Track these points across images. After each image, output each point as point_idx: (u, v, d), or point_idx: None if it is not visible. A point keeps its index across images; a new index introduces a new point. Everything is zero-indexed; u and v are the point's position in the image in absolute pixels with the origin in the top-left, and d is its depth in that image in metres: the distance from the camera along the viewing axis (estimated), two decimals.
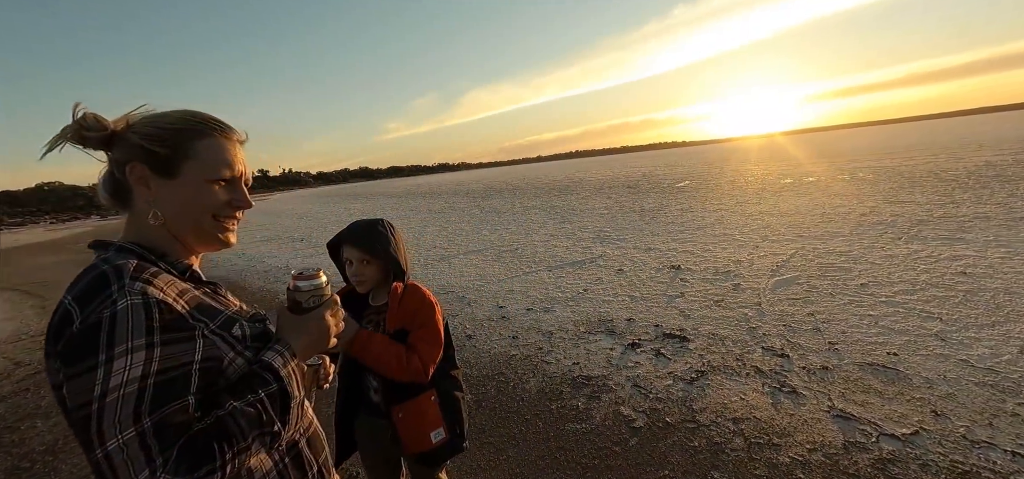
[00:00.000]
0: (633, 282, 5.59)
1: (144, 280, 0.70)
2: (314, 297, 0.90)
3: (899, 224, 6.99)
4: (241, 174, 0.87)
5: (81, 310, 0.66)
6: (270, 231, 16.39)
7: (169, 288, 0.73)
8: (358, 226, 1.57)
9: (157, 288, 0.70)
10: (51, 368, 0.70)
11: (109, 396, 0.62)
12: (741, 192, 13.33)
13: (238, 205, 0.86)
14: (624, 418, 2.81)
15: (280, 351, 0.81)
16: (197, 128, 0.82)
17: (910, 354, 3.16)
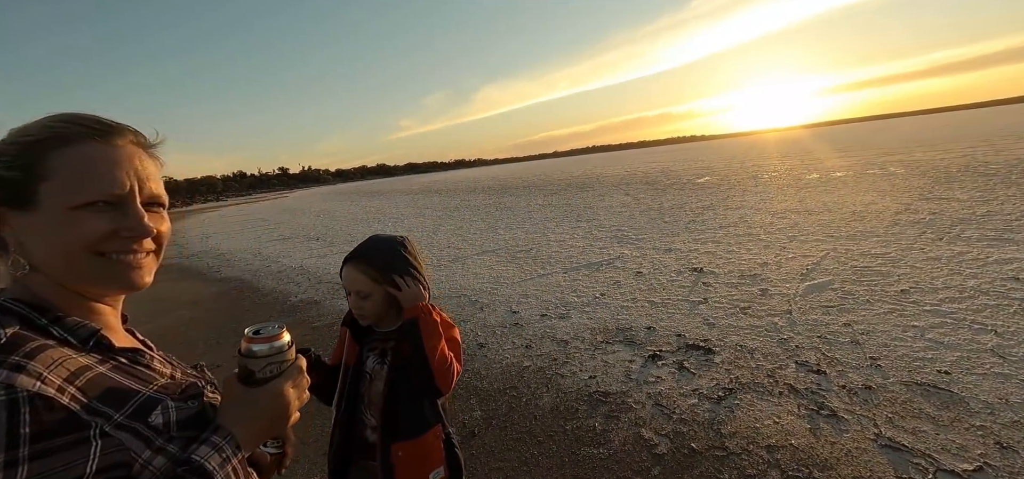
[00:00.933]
0: (653, 286, 5.33)
1: (15, 363, 0.51)
2: (272, 364, 0.69)
3: (939, 223, 6.57)
4: (131, 190, 0.63)
5: None
6: (287, 229, 16.48)
7: (55, 371, 0.53)
8: (366, 248, 1.32)
9: (33, 374, 0.51)
10: None
11: None
12: (764, 188, 12.86)
13: (129, 234, 0.63)
14: (645, 442, 2.59)
15: (218, 445, 0.61)
16: (55, 136, 0.60)
17: (964, 372, 2.86)
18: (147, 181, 0.66)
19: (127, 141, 0.65)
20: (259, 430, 0.66)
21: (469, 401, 3.23)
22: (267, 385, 0.68)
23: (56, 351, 0.55)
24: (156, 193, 0.67)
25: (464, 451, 2.66)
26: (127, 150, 0.65)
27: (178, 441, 0.60)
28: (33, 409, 0.49)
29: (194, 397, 0.66)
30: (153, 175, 0.67)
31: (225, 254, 11.97)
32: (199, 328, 5.68)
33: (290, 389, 0.70)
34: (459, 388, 3.43)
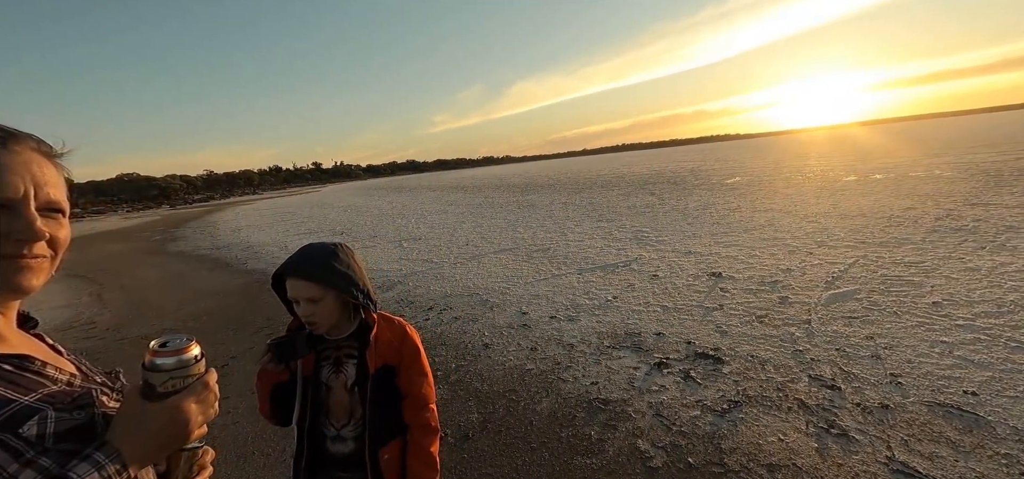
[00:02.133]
0: (668, 290, 5.19)
1: None
2: (175, 379, 0.66)
3: (983, 231, 6.15)
4: (24, 194, 0.63)
5: None
6: (314, 223, 16.91)
7: None
8: (305, 256, 1.30)
9: None
10: None
11: None
12: (797, 190, 12.37)
13: (20, 237, 0.62)
14: (641, 454, 2.50)
15: (100, 463, 0.57)
16: None
17: (994, 395, 2.65)
18: (44, 186, 0.65)
19: (26, 147, 0.65)
20: (151, 448, 0.63)
21: (467, 403, 3.21)
22: (166, 400, 0.65)
23: None
24: (54, 198, 0.66)
25: (456, 454, 2.65)
26: (24, 156, 0.64)
27: (53, 454, 0.56)
28: None
29: (82, 407, 0.62)
30: (52, 181, 0.67)
31: (253, 247, 12.36)
32: (220, 319, 5.88)
33: (192, 405, 0.67)
34: (458, 390, 3.42)
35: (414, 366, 1.37)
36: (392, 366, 1.34)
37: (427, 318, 5.12)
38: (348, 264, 1.30)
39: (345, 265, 1.30)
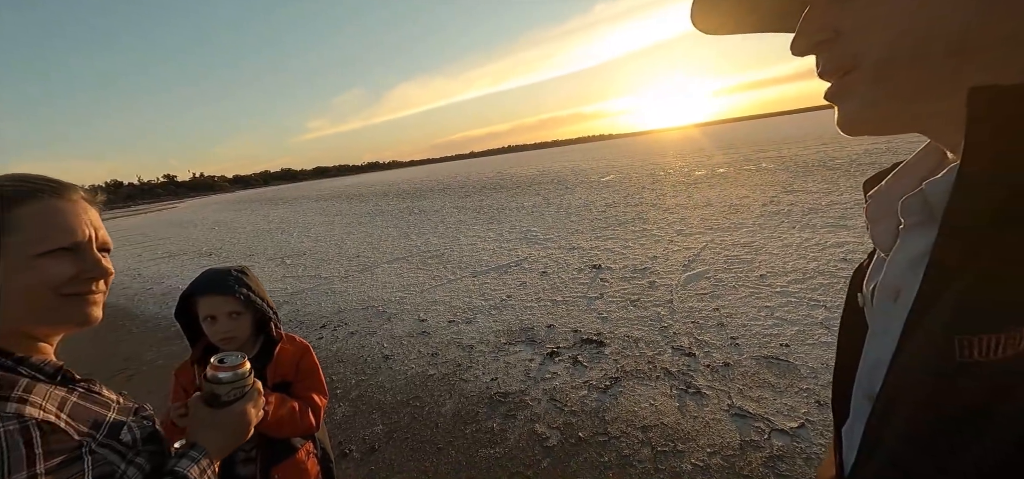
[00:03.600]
0: (556, 285, 5.63)
1: (19, 397, 0.61)
2: (236, 389, 0.84)
3: (794, 213, 7.63)
4: (89, 238, 0.76)
5: None
6: (174, 244, 14.92)
7: (48, 402, 0.65)
8: (217, 274, 1.38)
9: (35, 405, 0.62)
10: None
11: None
12: (660, 185, 14.00)
13: (89, 275, 0.74)
14: (538, 437, 2.77)
15: (195, 459, 0.76)
16: (16, 195, 0.70)
17: (800, 344, 3.41)
18: (99, 229, 0.79)
19: (79, 196, 0.77)
20: (226, 446, 0.82)
21: (371, 416, 3.22)
22: (231, 406, 0.83)
23: (42, 387, 0.66)
24: (105, 240, 0.80)
25: (364, 468, 2.68)
26: (80, 204, 0.77)
27: (144, 454, 0.72)
28: (42, 433, 0.60)
29: (146, 417, 0.78)
30: (100, 225, 0.80)
31: None
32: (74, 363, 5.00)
33: (251, 409, 0.87)
34: (360, 405, 3.41)
35: (309, 379, 1.45)
36: (289, 381, 1.42)
37: (321, 336, 4.93)
38: (257, 282, 1.38)
39: (255, 283, 1.38)
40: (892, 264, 0.40)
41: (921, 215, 0.37)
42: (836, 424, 0.48)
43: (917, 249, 0.37)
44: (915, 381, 0.33)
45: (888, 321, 0.39)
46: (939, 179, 0.35)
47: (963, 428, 0.29)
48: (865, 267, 0.48)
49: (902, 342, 0.35)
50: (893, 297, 0.39)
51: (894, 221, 0.41)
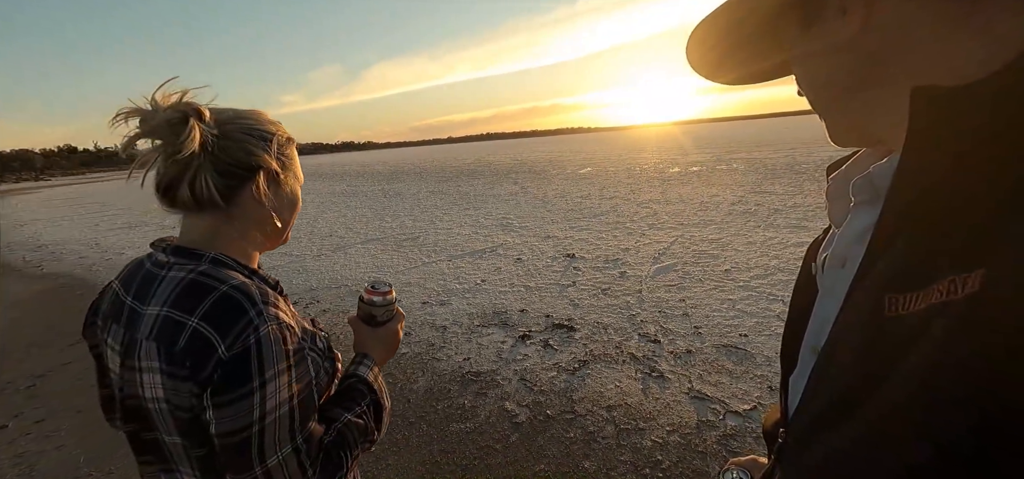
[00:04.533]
0: (530, 271, 5.73)
1: (273, 303, 0.72)
2: (387, 311, 0.97)
3: (760, 213, 7.94)
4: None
5: (222, 336, 0.66)
6: (135, 215, 14.35)
7: (283, 309, 0.74)
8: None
9: (282, 311, 0.73)
10: (180, 389, 0.67)
11: (267, 418, 0.67)
12: (635, 180, 14.27)
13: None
14: (508, 414, 2.87)
15: (369, 365, 0.91)
16: (286, 136, 0.85)
17: (757, 335, 3.60)
18: None
19: None
20: (385, 357, 0.97)
21: None
22: (386, 325, 0.97)
23: (275, 295, 0.76)
24: None
25: None
26: None
27: (329, 359, 0.84)
28: (289, 333, 0.71)
29: (322, 331, 0.91)
30: None
31: (48, 246, 10.11)
32: (14, 337, 4.82)
33: (399, 328, 1.01)
34: None
35: None
36: None
37: None
38: None
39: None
40: (842, 236, 0.46)
41: (868, 194, 0.43)
42: (784, 373, 0.54)
43: (863, 224, 0.42)
44: (851, 334, 0.37)
45: (835, 285, 0.44)
46: (884, 164, 0.41)
47: (881, 373, 0.33)
48: (820, 240, 0.55)
49: (845, 302, 0.39)
50: (841, 264, 0.45)
51: (847, 200, 0.46)
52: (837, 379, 0.38)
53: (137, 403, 0.71)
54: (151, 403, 0.69)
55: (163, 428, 0.71)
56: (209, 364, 0.65)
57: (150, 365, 0.68)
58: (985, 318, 0.28)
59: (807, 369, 0.44)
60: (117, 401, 0.74)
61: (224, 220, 0.77)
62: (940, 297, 0.31)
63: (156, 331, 0.68)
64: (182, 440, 0.71)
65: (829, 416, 0.38)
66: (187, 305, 0.68)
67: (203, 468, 0.72)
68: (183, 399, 0.67)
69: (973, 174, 0.33)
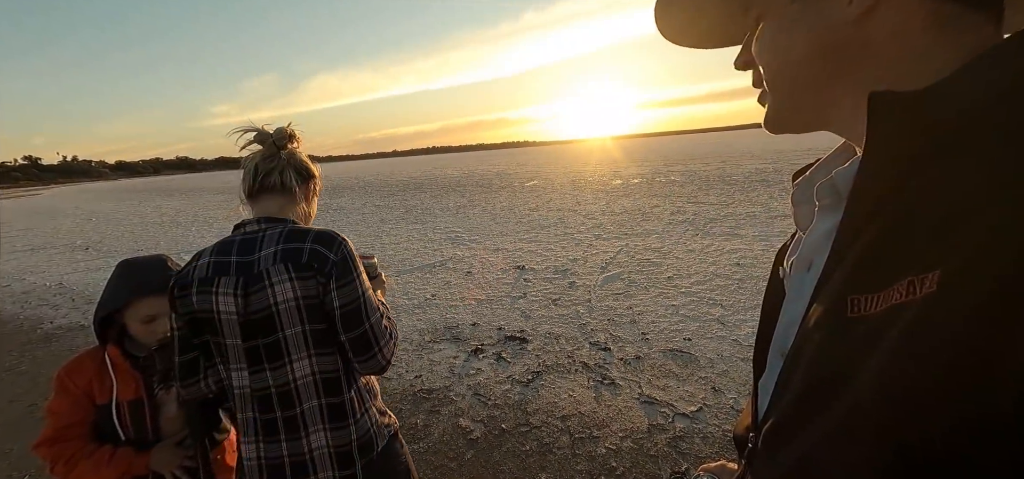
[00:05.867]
0: (480, 284, 5.70)
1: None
2: (375, 268, 1.34)
3: (697, 222, 8.38)
4: None
5: (329, 249, 1.05)
6: (38, 237, 12.90)
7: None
8: (153, 269, 1.27)
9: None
10: (308, 285, 1.03)
11: (365, 294, 1.09)
12: (581, 192, 14.65)
13: None
14: (462, 430, 2.81)
15: (386, 288, 1.41)
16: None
17: (700, 338, 3.78)
18: None
19: None
20: (386, 290, 1.39)
21: None
22: (381, 276, 1.37)
23: None
24: None
25: None
26: None
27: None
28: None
29: None
30: None
31: None
32: None
33: (388, 280, 1.42)
34: None
35: None
36: None
37: None
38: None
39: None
40: (807, 240, 0.46)
41: (831, 198, 0.43)
42: (755, 378, 0.54)
43: (827, 226, 0.43)
44: (816, 336, 0.37)
45: (801, 288, 0.44)
46: (845, 168, 0.42)
47: (844, 371, 0.33)
48: (787, 245, 0.55)
49: (810, 304, 0.40)
50: (806, 267, 0.45)
51: (812, 204, 0.47)
52: (803, 381, 0.38)
53: (266, 313, 1.03)
54: (282, 304, 1.03)
55: (287, 321, 1.05)
56: (327, 265, 1.04)
57: (280, 279, 1.03)
58: (939, 319, 0.28)
59: (775, 372, 0.44)
60: (238, 322, 1.03)
61: (291, 202, 1.16)
62: (900, 298, 0.31)
63: (279, 258, 1.04)
64: (304, 327, 1.05)
65: (797, 419, 0.38)
66: (297, 239, 1.06)
67: (317, 341, 1.07)
68: (311, 290, 1.04)
69: (928, 177, 0.33)
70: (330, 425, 1.09)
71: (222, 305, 1.04)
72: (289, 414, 1.08)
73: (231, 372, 1.09)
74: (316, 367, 1.08)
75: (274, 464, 1.09)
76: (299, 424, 1.09)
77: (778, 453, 0.40)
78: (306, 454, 1.09)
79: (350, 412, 1.11)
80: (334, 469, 1.09)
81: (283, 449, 1.09)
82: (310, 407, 1.09)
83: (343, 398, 1.10)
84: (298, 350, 1.06)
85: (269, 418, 1.09)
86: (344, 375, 1.11)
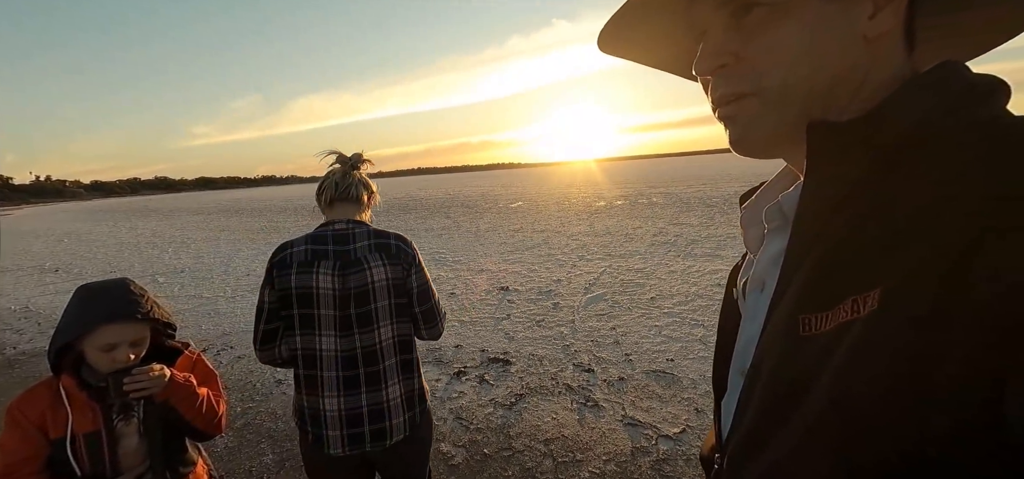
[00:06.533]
0: (464, 305, 5.65)
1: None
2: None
3: (679, 243, 8.49)
4: None
5: (408, 247, 1.48)
6: (6, 258, 12.42)
7: None
8: (115, 295, 1.19)
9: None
10: (395, 270, 1.42)
11: (430, 281, 1.51)
12: (565, 213, 14.75)
13: None
14: (444, 456, 2.75)
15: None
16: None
17: (682, 359, 3.79)
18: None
19: None
20: None
21: (259, 446, 2.96)
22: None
23: None
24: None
25: None
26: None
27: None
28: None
29: None
30: None
31: None
32: None
33: None
34: (247, 434, 3.11)
35: (207, 384, 1.37)
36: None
37: None
38: (142, 294, 1.25)
39: (148, 294, 1.27)
40: (759, 261, 0.48)
41: (779, 220, 0.45)
42: (716, 399, 0.55)
43: (776, 248, 0.44)
44: (773, 355, 0.38)
45: (756, 308, 0.45)
46: (791, 192, 0.43)
47: (799, 389, 0.34)
48: (739, 266, 0.57)
49: (765, 324, 0.41)
50: (760, 288, 0.46)
51: (761, 227, 0.48)
52: (763, 399, 0.39)
53: (363, 289, 1.37)
54: (378, 283, 1.38)
55: (379, 296, 1.39)
56: (408, 256, 1.45)
57: (377, 264, 1.39)
58: (881, 337, 0.29)
59: (737, 392, 0.45)
60: (334, 295, 1.36)
61: (359, 209, 1.51)
62: (846, 316, 0.32)
63: (374, 248, 1.41)
64: (391, 300, 1.41)
65: (759, 436, 0.38)
66: (383, 237, 1.45)
67: (398, 313, 1.43)
68: (399, 274, 1.42)
69: (864, 201, 0.35)
70: (403, 377, 1.45)
71: (321, 282, 1.36)
72: (372, 369, 1.39)
73: (320, 338, 1.37)
74: (397, 332, 1.43)
75: (354, 413, 1.37)
76: (380, 378, 1.40)
77: (743, 471, 0.41)
78: (384, 403, 1.40)
79: (416, 369, 1.51)
80: (404, 413, 1.43)
81: (362, 400, 1.38)
82: (390, 364, 1.42)
83: (412, 356, 1.50)
84: (385, 319, 1.40)
85: (352, 374, 1.38)
86: (414, 341, 1.52)
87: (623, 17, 0.46)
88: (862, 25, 0.37)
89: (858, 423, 0.29)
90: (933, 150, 0.33)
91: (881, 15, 0.36)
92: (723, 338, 0.55)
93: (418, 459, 1.53)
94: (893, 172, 0.34)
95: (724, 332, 0.55)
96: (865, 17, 0.36)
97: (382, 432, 1.39)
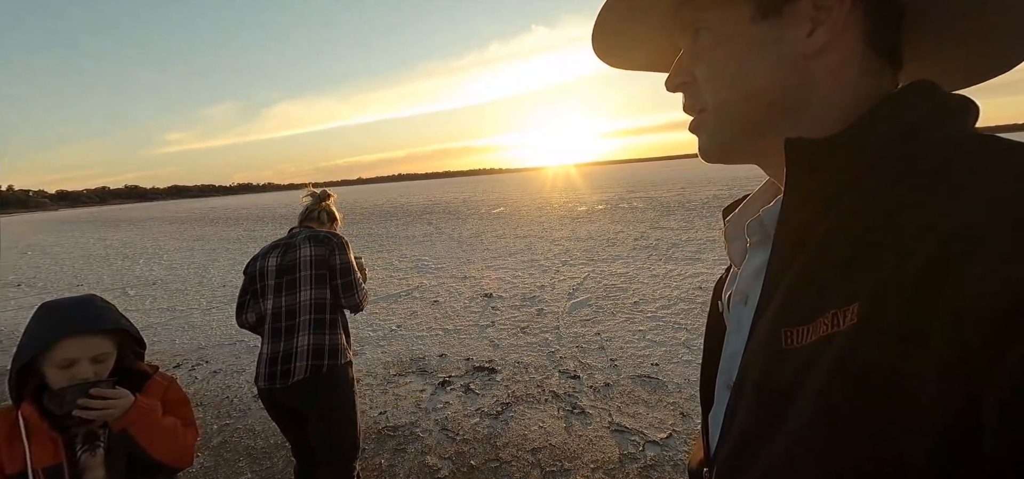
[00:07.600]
0: (447, 313, 5.60)
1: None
2: (360, 261, 2.21)
3: (661, 247, 8.58)
4: None
5: (334, 237, 2.06)
6: None
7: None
8: (79, 307, 1.14)
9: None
10: (321, 251, 1.96)
11: (351, 262, 2.04)
12: (547, 218, 14.79)
13: None
14: (429, 469, 2.70)
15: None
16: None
17: (667, 363, 3.81)
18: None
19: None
20: (366, 274, 2.37)
21: (238, 465, 2.86)
22: (362, 263, 2.34)
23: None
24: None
25: None
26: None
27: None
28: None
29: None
30: None
31: None
32: None
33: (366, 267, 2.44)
34: (225, 452, 3.01)
35: (179, 411, 1.30)
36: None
37: (175, 377, 4.25)
38: (110, 306, 1.19)
39: (115, 311, 1.20)
40: (743, 274, 0.48)
41: (760, 235, 0.46)
42: (703, 412, 0.55)
43: (759, 261, 0.45)
44: (757, 368, 0.39)
45: (740, 321, 0.46)
46: (771, 207, 0.44)
47: (785, 400, 0.35)
48: (724, 279, 0.57)
49: (749, 337, 0.41)
50: (744, 301, 0.47)
51: (744, 240, 0.49)
52: (750, 412, 0.39)
53: (293, 262, 1.93)
54: (304, 258, 1.93)
55: (303, 267, 1.92)
56: (332, 242, 2.01)
57: (306, 246, 1.96)
58: (861, 351, 0.30)
59: (723, 404, 0.45)
60: (276, 270, 1.93)
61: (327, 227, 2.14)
62: (826, 330, 0.33)
63: (308, 238, 1.99)
64: (312, 271, 1.92)
65: (746, 450, 0.39)
66: (318, 234, 2.02)
67: (317, 282, 1.92)
68: (322, 252, 1.97)
69: (840, 216, 0.36)
70: (314, 332, 1.85)
71: (270, 263, 1.96)
72: (290, 323, 1.86)
73: (265, 301, 1.92)
74: (314, 296, 1.90)
75: (274, 355, 1.83)
76: (295, 330, 1.85)
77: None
78: (293, 349, 1.83)
79: (327, 328, 1.89)
80: (307, 359, 1.82)
81: (281, 345, 1.84)
82: (304, 320, 1.86)
83: (325, 317, 1.90)
84: (305, 286, 1.90)
85: (278, 327, 1.86)
86: (330, 305, 1.93)
87: (610, 34, 0.50)
88: (801, 44, 0.39)
89: (841, 435, 0.30)
90: (902, 168, 0.34)
91: (818, 32, 0.38)
92: (708, 351, 0.56)
93: (323, 405, 1.88)
94: (865, 188, 0.35)
95: (709, 345, 0.56)
96: (803, 36, 0.39)
97: (287, 372, 1.80)
